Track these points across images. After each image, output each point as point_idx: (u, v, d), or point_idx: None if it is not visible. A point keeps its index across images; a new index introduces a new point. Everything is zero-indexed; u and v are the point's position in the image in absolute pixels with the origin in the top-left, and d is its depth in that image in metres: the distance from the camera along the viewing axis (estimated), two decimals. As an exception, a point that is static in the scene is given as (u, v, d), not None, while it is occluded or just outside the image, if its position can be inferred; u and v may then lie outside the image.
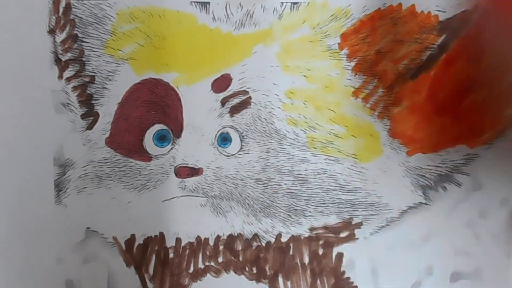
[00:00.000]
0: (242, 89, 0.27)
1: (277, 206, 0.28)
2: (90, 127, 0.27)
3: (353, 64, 0.27)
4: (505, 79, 0.28)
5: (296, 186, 0.28)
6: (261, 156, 0.28)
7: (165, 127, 0.27)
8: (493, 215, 0.29)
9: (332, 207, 0.28)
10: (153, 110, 0.27)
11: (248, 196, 0.28)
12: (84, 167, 0.27)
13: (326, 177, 0.28)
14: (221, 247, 0.28)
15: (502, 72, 0.27)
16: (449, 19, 0.27)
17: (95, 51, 0.27)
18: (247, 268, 0.28)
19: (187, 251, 0.28)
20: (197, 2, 0.26)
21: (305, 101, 0.28)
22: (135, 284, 0.28)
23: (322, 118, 0.28)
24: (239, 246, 0.28)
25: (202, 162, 0.27)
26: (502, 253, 0.29)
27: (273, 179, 0.28)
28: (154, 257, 0.28)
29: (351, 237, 0.29)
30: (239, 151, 0.28)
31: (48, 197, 0.27)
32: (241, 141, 0.28)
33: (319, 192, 0.28)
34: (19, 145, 0.27)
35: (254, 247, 0.28)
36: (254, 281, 0.29)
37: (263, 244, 0.28)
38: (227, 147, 0.28)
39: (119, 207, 0.27)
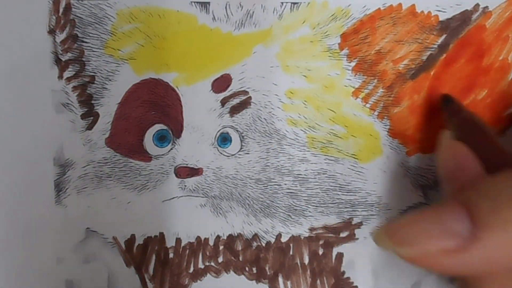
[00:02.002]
0: (242, 89, 0.27)
1: (277, 206, 0.28)
2: (90, 127, 0.27)
3: (353, 64, 0.27)
4: (505, 79, 0.28)
5: (296, 186, 0.28)
6: (261, 156, 0.28)
7: (165, 127, 0.27)
8: (493, 215, 0.29)
9: (332, 207, 0.28)
10: (153, 110, 0.27)
11: (248, 196, 0.28)
12: (84, 167, 0.27)
13: (326, 177, 0.28)
14: (221, 247, 0.28)
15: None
16: (449, 19, 0.27)
17: (95, 51, 0.27)
18: (247, 268, 0.28)
19: (187, 251, 0.28)
20: (197, 2, 0.26)
21: (305, 101, 0.28)
22: (135, 284, 0.28)
23: (322, 118, 0.28)
24: (239, 246, 0.28)
25: (202, 162, 0.27)
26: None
27: (273, 179, 0.28)
28: (154, 257, 0.28)
29: (351, 237, 0.29)
30: (239, 151, 0.28)
31: (48, 197, 0.27)
32: (241, 141, 0.28)
33: (319, 192, 0.28)
34: (19, 145, 0.27)
35: (254, 247, 0.28)
36: (254, 281, 0.29)
37: (263, 244, 0.28)
38: (227, 147, 0.28)
39: (119, 207, 0.27)
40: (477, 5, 0.27)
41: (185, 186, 0.27)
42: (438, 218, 0.17)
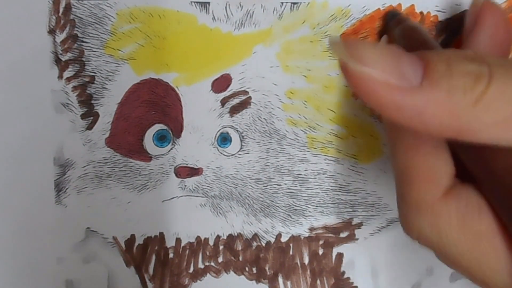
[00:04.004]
0: (242, 89, 0.27)
1: (277, 206, 0.28)
2: (90, 127, 0.27)
3: (353, 64, 0.27)
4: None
5: (296, 186, 0.28)
6: (261, 156, 0.28)
7: (165, 127, 0.27)
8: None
9: (332, 207, 0.28)
10: (153, 110, 0.27)
11: (248, 196, 0.28)
12: (84, 167, 0.27)
13: (326, 177, 0.28)
14: (221, 247, 0.28)
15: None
16: (448, 19, 0.27)
17: (95, 51, 0.27)
18: (247, 268, 0.28)
19: (187, 251, 0.28)
20: (197, 2, 0.26)
21: (305, 101, 0.28)
22: (135, 284, 0.28)
23: (322, 118, 0.28)
24: (239, 246, 0.28)
25: (202, 162, 0.27)
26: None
27: (273, 179, 0.28)
28: (154, 257, 0.28)
29: (351, 238, 0.29)
30: (239, 151, 0.28)
31: (48, 197, 0.27)
32: (241, 141, 0.28)
33: (319, 192, 0.28)
34: (19, 145, 0.27)
35: (254, 247, 0.28)
36: (254, 281, 0.28)
37: (263, 244, 0.28)
38: (227, 147, 0.28)
39: (119, 207, 0.27)
40: (477, 5, 0.27)
41: (185, 186, 0.27)
42: (398, 57, 0.17)
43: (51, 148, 0.27)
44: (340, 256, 0.29)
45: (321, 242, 0.28)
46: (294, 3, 0.27)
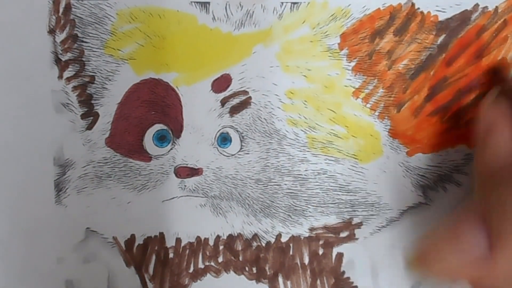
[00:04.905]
0: (242, 89, 0.27)
1: (277, 206, 0.28)
2: (90, 127, 0.27)
3: (353, 64, 0.27)
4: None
5: (296, 187, 0.28)
6: (261, 156, 0.28)
7: (165, 127, 0.27)
8: (493, 215, 0.29)
9: (332, 207, 0.28)
10: (153, 110, 0.27)
11: (248, 196, 0.28)
12: (84, 167, 0.27)
13: (326, 177, 0.28)
14: (221, 247, 0.28)
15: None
16: (448, 19, 0.27)
17: (95, 51, 0.27)
18: (247, 268, 0.28)
19: (187, 251, 0.28)
20: (197, 2, 0.26)
21: (305, 101, 0.28)
22: (135, 284, 0.28)
23: (322, 118, 0.28)
24: (239, 246, 0.28)
25: (202, 162, 0.27)
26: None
27: (273, 179, 0.28)
28: (154, 257, 0.28)
29: (351, 237, 0.29)
30: (239, 151, 0.28)
31: (48, 197, 0.27)
32: (241, 141, 0.28)
33: (319, 193, 0.28)
34: (19, 145, 0.27)
35: (254, 247, 0.28)
36: (254, 281, 0.28)
37: (263, 244, 0.28)
38: (227, 147, 0.28)
39: (119, 207, 0.27)
40: (477, 5, 0.27)
41: (185, 186, 0.27)
42: (456, 238, 0.17)
43: (51, 148, 0.27)
44: (340, 256, 0.29)
45: (321, 242, 0.28)
46: (294, 3, 0.27)
